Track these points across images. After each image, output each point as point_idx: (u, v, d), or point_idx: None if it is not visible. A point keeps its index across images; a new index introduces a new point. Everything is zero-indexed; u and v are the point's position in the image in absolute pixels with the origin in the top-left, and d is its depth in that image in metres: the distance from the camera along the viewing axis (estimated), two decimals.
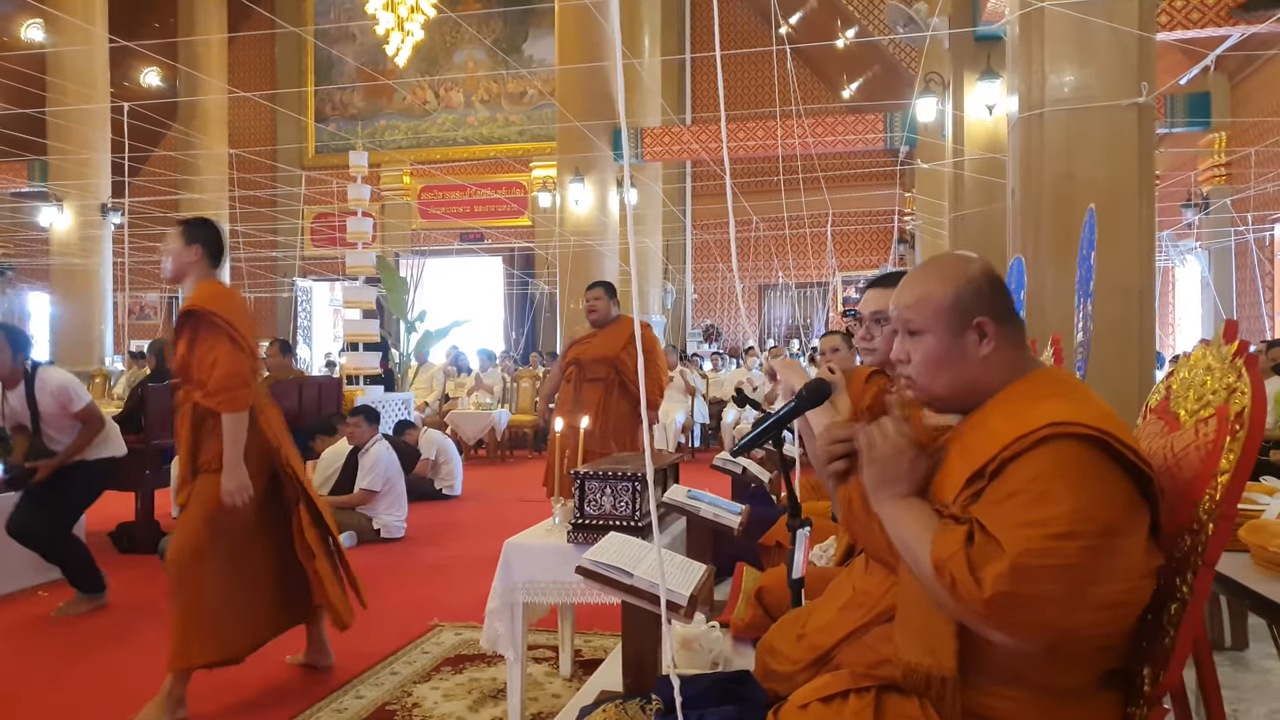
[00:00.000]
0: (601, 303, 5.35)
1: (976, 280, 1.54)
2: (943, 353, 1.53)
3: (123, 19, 15.39)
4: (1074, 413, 1.35)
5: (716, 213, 16.55)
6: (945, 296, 1.53)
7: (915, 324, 1.56)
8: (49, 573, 5.16)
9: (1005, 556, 1.28)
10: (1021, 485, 1.32)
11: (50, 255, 14.58)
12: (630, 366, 5.23)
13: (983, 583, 1.29)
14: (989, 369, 1.52)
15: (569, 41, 12.58)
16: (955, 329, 1.52)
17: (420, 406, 10.95)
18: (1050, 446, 1.32)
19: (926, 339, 1.54)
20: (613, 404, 5.20)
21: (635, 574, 1.99)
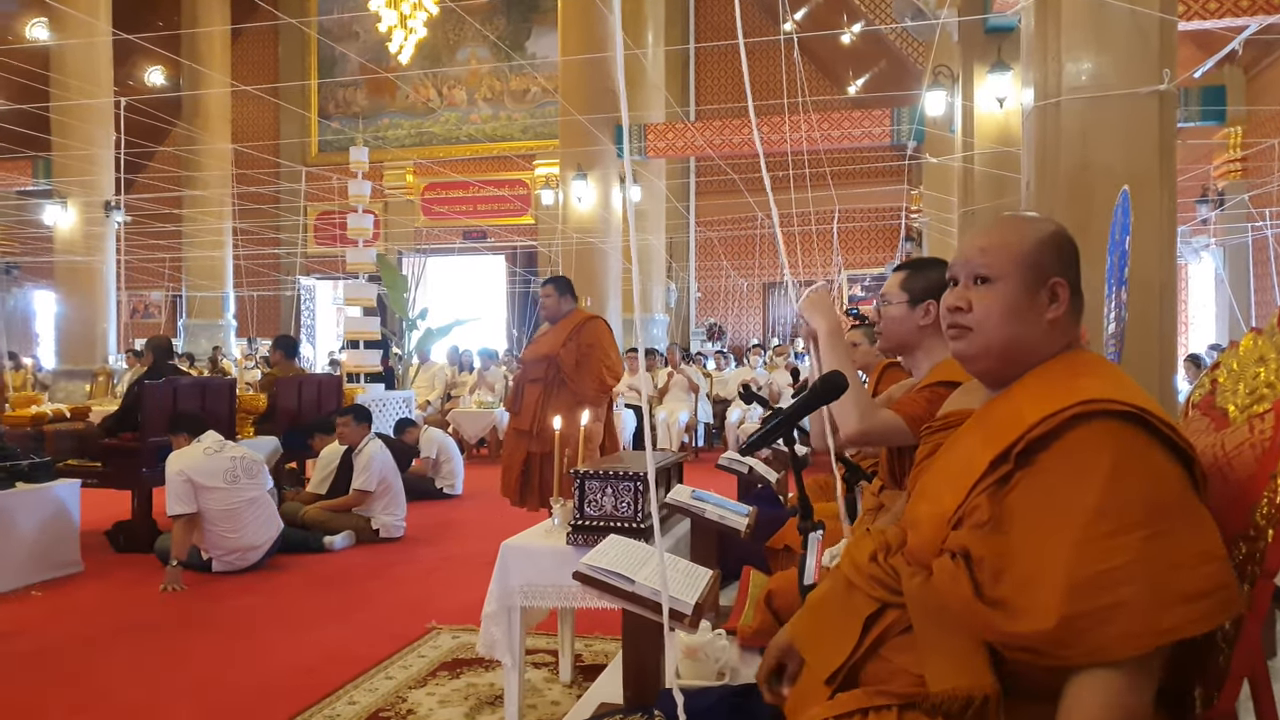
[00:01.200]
0: (551, 299, 5.27)
1: (1060, 238, 1.44)
2: (1012, 305, 1.40)
3: (126, 15, 15.31)
4: (1111, 390, 1.24)
5: (720, 209, 16.42)
6: (1027, 245, 1.42)
7: (989, 269, 1.42)
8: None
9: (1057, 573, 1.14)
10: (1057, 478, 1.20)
11: (54, 253, 14.50)
12: (568, 363, 5.11)
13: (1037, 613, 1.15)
14: (1051, 335, 1.41)
15: (572, 37, 12.47)
16: (1030, 283, 1.40)
17: (422, 405, 10.84)
18: (1085, 428, 1.21)
19: (997, 287, 1.41)
20: (551, 404, 5.05)
21: (636, 580, 1.88)
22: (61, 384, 13.51)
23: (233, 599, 4.81)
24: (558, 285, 5.31)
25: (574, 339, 5.14)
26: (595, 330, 5.22)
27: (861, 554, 1.46)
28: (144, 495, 6.00)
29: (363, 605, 4.71)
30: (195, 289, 17.27)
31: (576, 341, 5.14)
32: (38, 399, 7.82)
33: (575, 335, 5.15)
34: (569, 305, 5.29)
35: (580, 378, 5.11)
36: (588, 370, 5.14)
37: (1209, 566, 1.14)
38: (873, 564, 1.42)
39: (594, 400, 5.10)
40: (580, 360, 5.14)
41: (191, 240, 16.83)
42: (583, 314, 5.35)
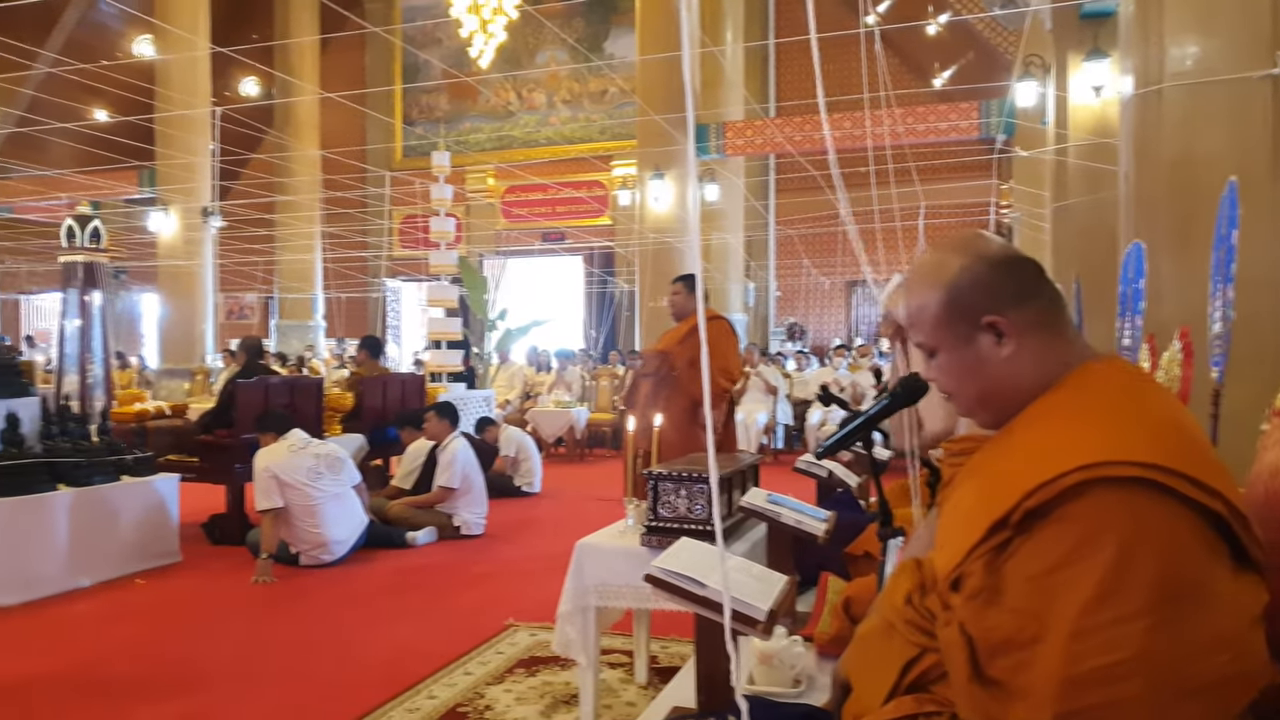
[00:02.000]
0: (679, 297, 5.26)
1: (971, 270, 1.28)
2: (961, 366, 1.30)
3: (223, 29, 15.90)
4: (1111, 446, 1.09)
5: (801, 206, 16.22)
6: (936, 305, 1.29)
7: (924, 343, 1.34)
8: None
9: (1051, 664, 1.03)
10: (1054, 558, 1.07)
11: (158, 258, 15.15)
12: (680, 360, 5.08)
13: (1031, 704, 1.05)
14: (1020, 369, 1.26)
15: (650, 37, 12.46)
16: (962, 337, 1.28)
17: (501, 404, 10.98)
18: (1086, 501, 1.07)
19: (940, 357, 1.32)
20: (660, 400, 5.04)
21: (708, 584, 1.84)
22: (163, 382, 14.10)
23: (318, 592, 4.94)
24: (687, 282, 5.28)
25: (691, 337, 5.11)
26: (714, 330, 5.17)
27: (898, 594, 1.35)
28: (237, 490, 6.20)
29: (443, 601, 4.78)
30: (286, 291, 17.83)
31: (694, 340, 5.12)
32: (142, 396, 8.17)
33: (693, 334, 5.13)
34: (695, 303, 5.27)
35: (694, 377, 5.07)
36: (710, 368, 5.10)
37: (1222, 656, 1.02)
38: (908, 606, 1.31)
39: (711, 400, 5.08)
40: (696, 360, 5.13)
41: (283, 244, 17.39)
42: (707, 313, 5.33)
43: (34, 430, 5.15)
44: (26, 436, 5.02)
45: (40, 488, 4.83)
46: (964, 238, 1.36)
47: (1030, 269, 1.31)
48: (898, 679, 1.29)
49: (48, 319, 21.15)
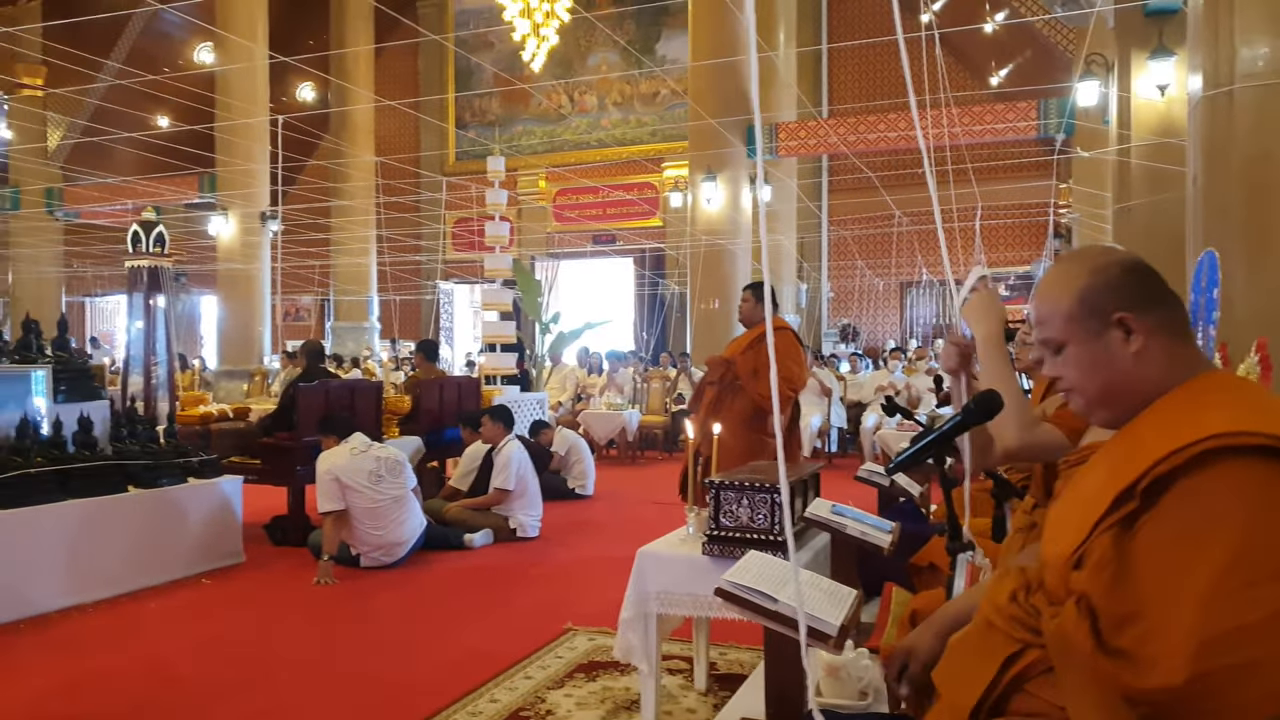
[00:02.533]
0: (747, 305, 5.32)
1: (1106, 271, 1.38)
2: (1088, 360, 1.37)
3: (281, 37, 16.22)
4: (1243, 420, 1.15)
5: (854, 207, 16.08)
6: (1071, 299, 1.38)
7: (1053, 339, 1.41)
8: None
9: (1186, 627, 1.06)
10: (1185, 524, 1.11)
11: (217, 261, 15.51)
12: (744, 368, 5.11)
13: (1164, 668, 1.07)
14: (1146, 367, 1.34)
15: (702, 39, 12.46)
16: (1093, 332, 1.36)
17: (553, 406, 11.05)
18: (1214, 469, 1.13)
19: (1069, 351, 1.39)
20: (723, 408, 5.09)
21: (779, 599, 1.85)
22: (222, 383, 14.42)
23: (379, 594, 5.01)
24: (756, 291, 5.35)
25: (756, 346, 5.16)
26: (780, 340, 5.22)
27: (1001, 594, 1.40)
28: (298, 492, 6.32)
29: (501, 604, 4.83)
30: (342, 293, 18.13)
31: (758, 349, 5.15)
32: (204, 398, 8.36)
33: (758, 342, 5.17)
34: (763, 312, 5.29)
35: (758, 385, 5.12)
36: (766, 379, 5.10)
37: None
38: (1012, 604, 1.35)
39: (769, 407, 5.11)
40: (760, 368, 5.16)
41: (339, 247, 17.68)
42: (774, 322, 5.34)
43: (104, 433, 5.31)
44: (98, 439, 5.18)
45: (112, 489, 4.97)
46: (1097, 247, 1.47)
47: (1158, 278, 1.39)
48: (996, 675, 1.32)
49: (111, 320, 21.78)
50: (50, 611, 4.54)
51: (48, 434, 4.94)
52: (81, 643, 4.17)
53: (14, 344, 5.36)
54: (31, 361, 5.23)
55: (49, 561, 4.60)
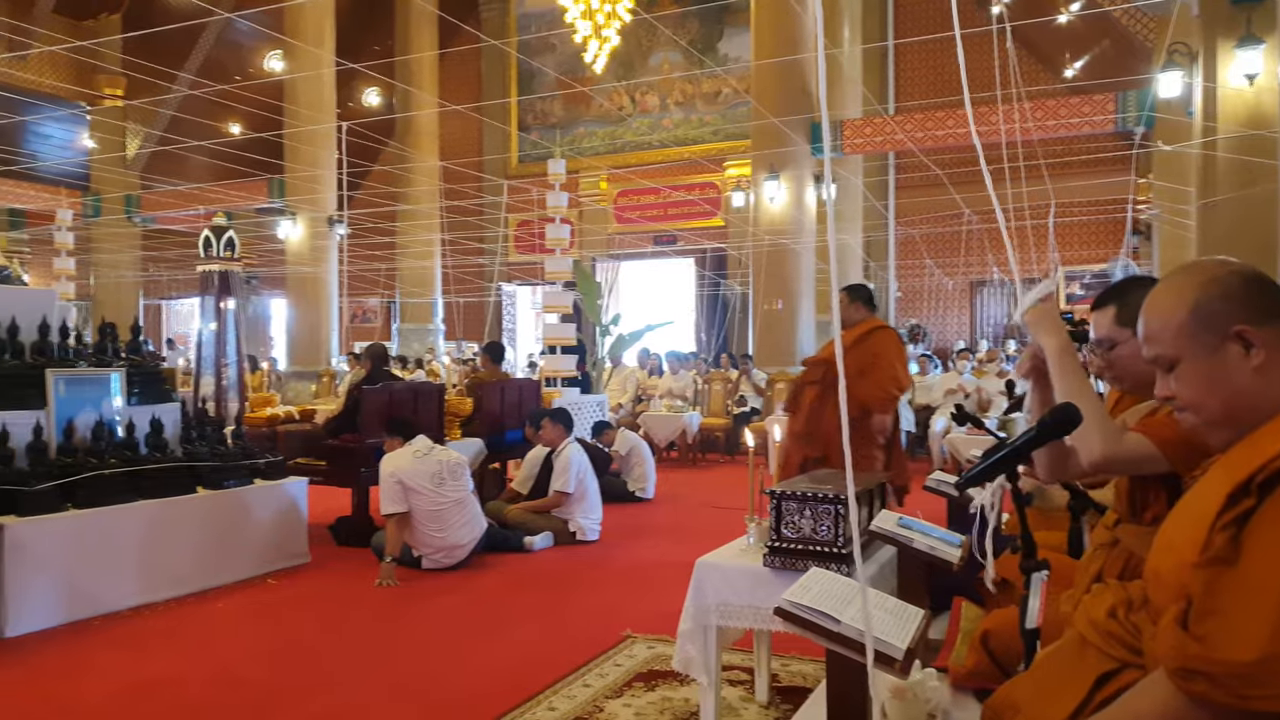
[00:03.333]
0: (842, 306, 5.25)
1: (1221, 282, 1.31)
2: (1206, 376, 1.30)
3: (348, 43, 16.51)
4: None
5: (922, 206, 15.76)
6: (1183, 314, 1.31)
7: (1165, 355, 1.34)
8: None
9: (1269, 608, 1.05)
10: None
11: (286, 264, 15.85)
12: (850, 370, 4.98)
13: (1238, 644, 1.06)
14: (1265, 383, 1.27)
15: (765, 36, 12.32)
16: (1210, 347, 1.29)
17: (614, 408, 11.02)
18: None
19: (1183, 367, 1.32)
20: (826, 409, 5.02)
21: (842, 620, 1.76)
22: (291, 384, 14.72)
23: (440, 596, 5.03)
24: (850, 292, 5.33)
25: (857, 346, 5.10)
26: (883, 340, 5.20)
27: (1098, 609, 1.33)
28: (362, 493, 6.39)
29: (560, 608, 4.80)
30: (407, 295, 18.38)
31: (860, 348, 5.10)
32: (273, 400, 8.52)
33: (860, 342, 5.12)
34: (860, 313, 5.25)
35: (863, 386, 5.05)
36: (872, 380, 5.09)
37: None
38: (1111, 620, 1.31)
39: (878, 407, 5.07)
40: (864, 369, 5.11)
41: (404, 250, 17.93)
42: (873, 323, 5.30)
43: (175, 434, 5.42)
44: (169, 441, 5.29)
45: (181, 490, 5.07)
46: (1210, 259, 1.39)
47: (1277, 288, 1.32)
48: (1088, 694, 1.29)
49: (187, 323, 22.43)
50: (121, 610, 4.64)
51: (121, 436, 5.05)
52: (150, 642, 4.25)
53: (92, 347, 5.50)
54: (108, 364, 5.37)
55: (121, 561, 4.70)
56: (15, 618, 4.25)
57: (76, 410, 4.97)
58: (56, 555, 4.44)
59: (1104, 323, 2.19)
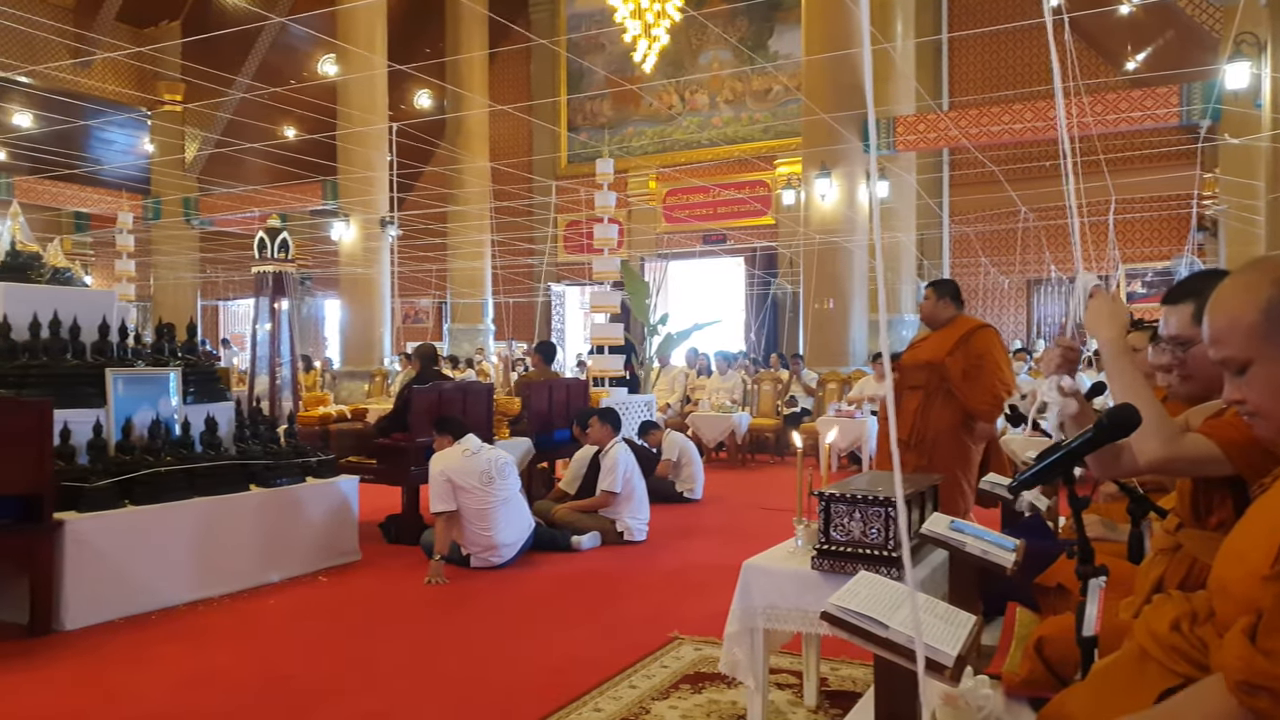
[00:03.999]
0: (928, 303, 5.02)
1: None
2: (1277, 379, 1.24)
3: (399, 46, 16.72)
4: None
5: (977, 203, 15.48)
6: (1255, 314, 1.24)
7: (1235, 357, 1.27)
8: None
9: None
10: None
11: (339, 265, 16.10)
12: (954, 371, 4.82)
13: None
14: None
15: (816, 33, 12.21)
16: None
17: (661, 408, 10.99)
18: None
19: (1255, 370, 1.25)
20: (933, 414, 4.78)
21: (890, 626, 1.72)
22: (344, 383, 14.95)
23: (488, 595, 5.04)
24: (938, 288, 5.04)
25: (961, 347, 4.86)
26: (986, 339, 4.91)
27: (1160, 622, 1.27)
28: (412, 491, 6.44)
29: (606, 608, 4.79)
30: (458, 296, 18.56)
31: (964, 350, 4.85)
32: (325, 399, 8.65)
33: (963, 344, 4.86)
34: (949, 311, 4.98)
35: (970, 389, 4.83)
36: (979, 382, 4.83)
37: None
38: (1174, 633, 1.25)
39: (986, 415, 4.80)
40: (969, 371, 4.86)
41: (454, 251, 18.11)
42: (970, 321, 5.03)
43: (229, 433, 5.51)
44: (223, 439, 5.38)
45: (235, 488, 5.15)
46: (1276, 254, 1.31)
47: None
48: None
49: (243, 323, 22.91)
50: (178, 604, 4.73)
51: (178, 434, 5.15)
52: (205, 637, 4.32)
53: (150, 347, 5.62)
54: (165, 364, 5.48)
55: (177, 556, 4.79)
56: (75, 611, 4.36)
57: (134, 409, 5.07)
58: (115, 550, 4.54)
59: (1179, 320, 2.10)
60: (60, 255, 5.67)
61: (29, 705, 3.50)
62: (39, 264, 5.42)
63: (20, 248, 5.39)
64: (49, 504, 4.32)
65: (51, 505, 4.34)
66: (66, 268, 5.60)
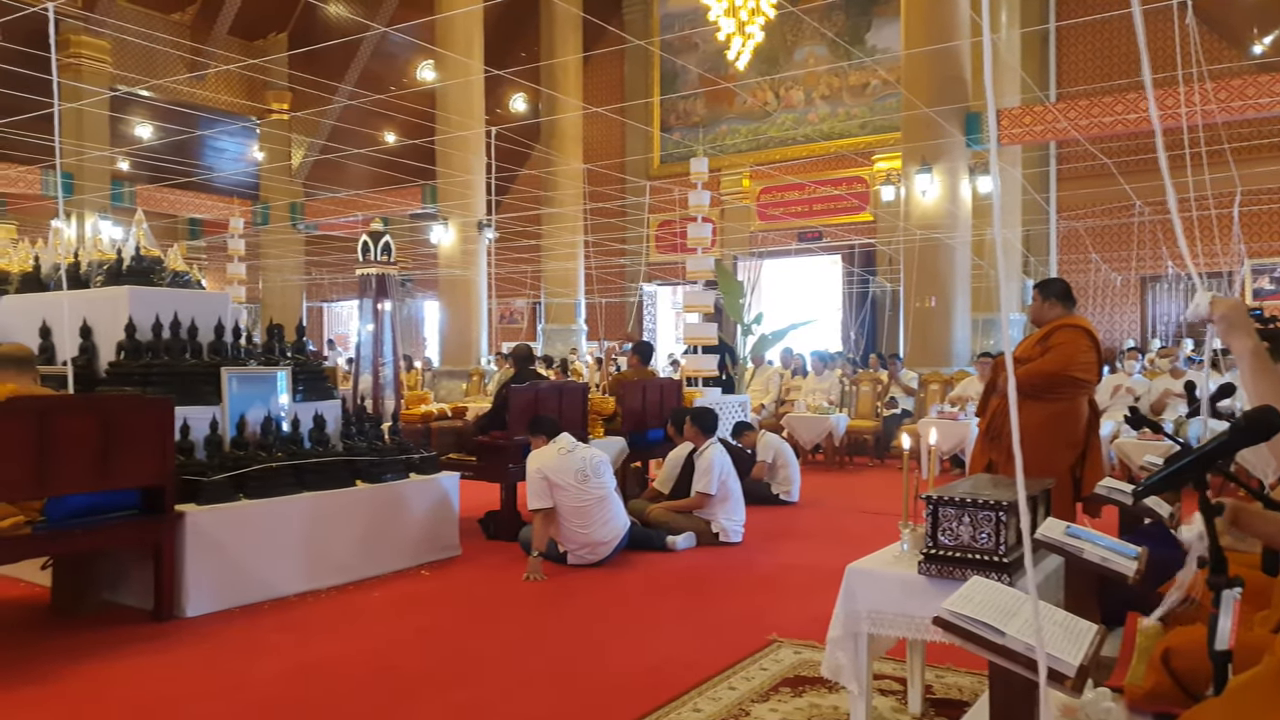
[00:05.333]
0: (1035, 304, 4.93)
1: None
2: None
3: (495, 51, 17.02)
4: None
5: (1086, 198, 14.88)
6: None
7: None
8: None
9: None
10: None
11: (438, 267, 16.48)
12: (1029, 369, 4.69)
13: None
14: None
15: (916, 24, 11.92)
16: None
17: (755, 409, 10.89)
18: None
19: None
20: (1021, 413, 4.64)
21: (1008, 633, 1.65)
22: (443, 383, 15.28)
23: (585, 592, 5.08)
24: (1044, 289, 4.95)
25: (1042, 344, 4.78)
26: (1070, 333, 4.77)
27: None
28: (510, 488, 6.54)
29: (702, 609, 4.77)
30: (552, 296, 18.78)
31: (1043, 346, 4.76)
32: (426, 397, 8.84)
33: (1044, 340, 4.79)
34: (1056, 311, 4.86)
35: (1028, 368, 4.71)
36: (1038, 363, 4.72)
37: None
38: None
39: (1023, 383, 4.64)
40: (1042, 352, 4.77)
41: (549, 253, 18.33)
42: (1064, 320, 4.89)
43: (336, 430, 5.69)
44: (330, 436, 5.55)
45: (341, 483, 5.31)
46: None
47: None
48: None
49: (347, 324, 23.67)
50: (289, 595, 4.90)
51: (287, 431, 5.34)
52: (314, 627, 4.46)
53: (261, 347, 5.84)
54: (275, 363, 5.68)
55: (288, 549, 4.96)
56: (195, 599, 4.56)
57: (247, 406, 5.27)
58: (230, 542, 4.73)
59: None
60: (179, 259, 5.94)
61: (156, 688, 3.67)
62: (160, 268, 5.69)
63: (144, 253, 5.66)
64: (171, 496, 4.53)
65: (173, 497, 4.54)
66: (185, 271, 5.86)
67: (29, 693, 3.57)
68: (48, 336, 5.52)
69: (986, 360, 8.15)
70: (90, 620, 4.52)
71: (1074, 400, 4.70)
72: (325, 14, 18.51)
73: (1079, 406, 4.73)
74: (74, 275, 5.62)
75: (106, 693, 3.60)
